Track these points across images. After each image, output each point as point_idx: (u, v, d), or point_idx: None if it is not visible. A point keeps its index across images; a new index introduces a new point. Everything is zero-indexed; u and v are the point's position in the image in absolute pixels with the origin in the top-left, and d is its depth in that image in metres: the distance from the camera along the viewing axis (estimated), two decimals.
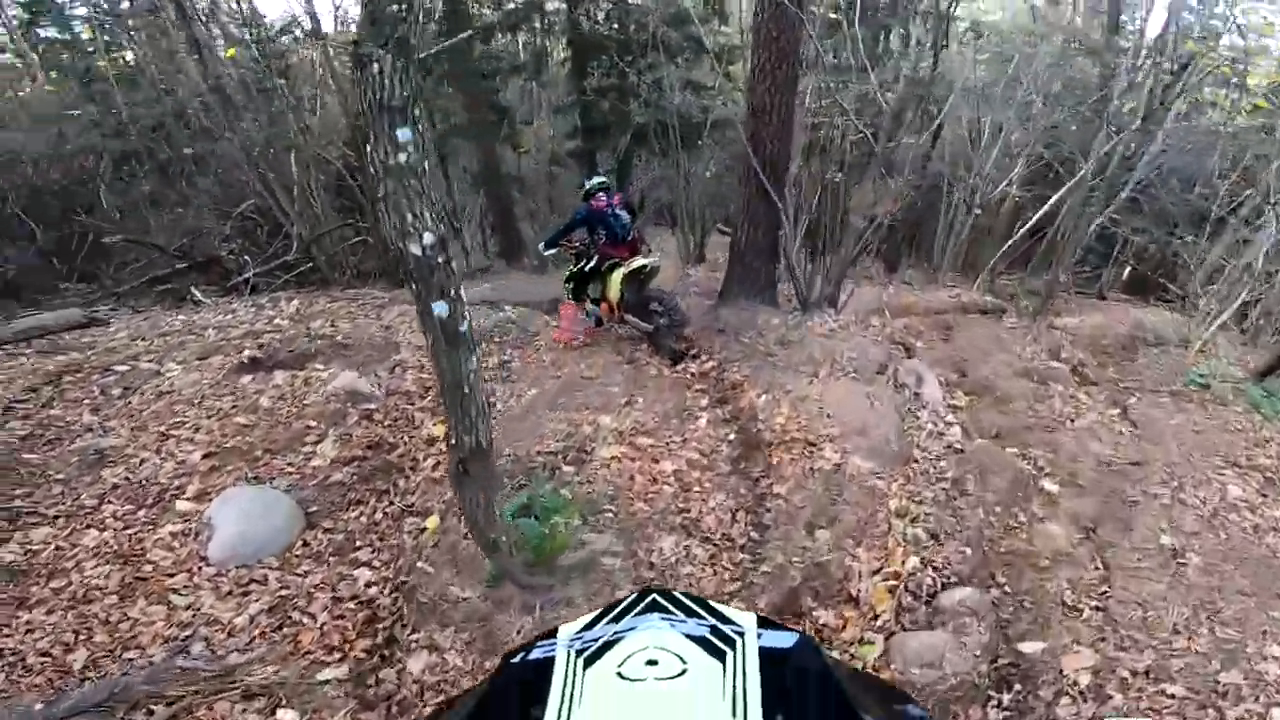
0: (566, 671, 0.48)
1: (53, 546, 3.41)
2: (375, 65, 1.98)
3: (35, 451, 4.18)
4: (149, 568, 3.34)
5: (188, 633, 2.96)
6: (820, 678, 0.49)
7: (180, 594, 3.20)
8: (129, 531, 3.56)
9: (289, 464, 4.28)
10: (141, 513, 3.71)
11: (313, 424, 4.65)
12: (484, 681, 0.54)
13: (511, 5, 10.86)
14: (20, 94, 11.50)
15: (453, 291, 2.25)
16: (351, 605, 3.11)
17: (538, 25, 11.52)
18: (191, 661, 2.66)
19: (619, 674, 0.47)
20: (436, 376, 2.41)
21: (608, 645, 0.50)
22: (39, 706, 2.37)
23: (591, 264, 5.88)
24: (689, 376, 5.38)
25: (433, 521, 3.61)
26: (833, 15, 7.62)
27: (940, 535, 3.36)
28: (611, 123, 10.85)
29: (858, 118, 6.52)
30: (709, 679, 0.46)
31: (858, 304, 6.51)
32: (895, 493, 3.67)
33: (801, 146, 6.61)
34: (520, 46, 12.16)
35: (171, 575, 3.31)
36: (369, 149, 2.10)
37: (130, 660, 2.77)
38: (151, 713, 2.38)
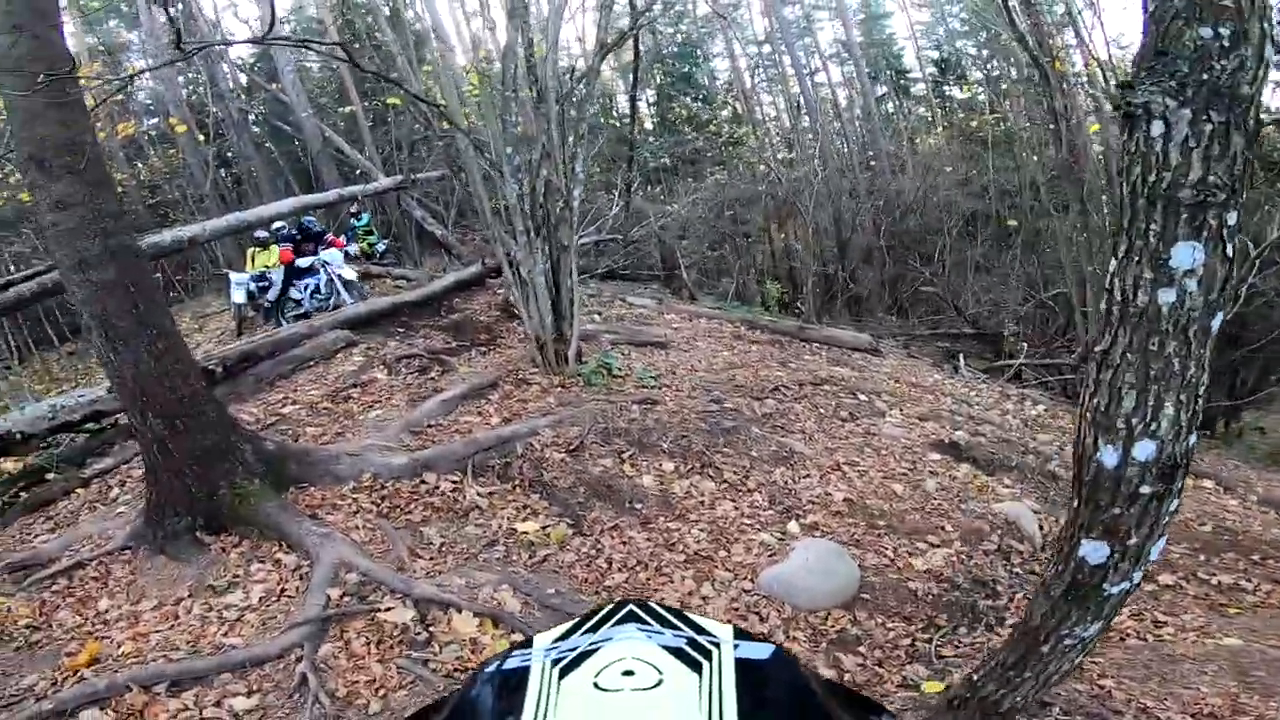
0: (542, 681, 0.48)
1: (696, 497, 4.28)
2: (1158, 123, 1.25)
3: (759, 429, 5.34)
4: (722, 553, 3.80)
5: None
6: (796, 688, 0.49)
7: (711, 584, 3.56)
8: (744, 519, 4.13)
9: (893, 548, 4.10)
10: (768, 513, 4.26)
11: (949, 530, 4.27)
12: (457, 690, 0.53)
13: None
14: (920, 143, 14.13)
15: (1136, 539, 1.44)
16: None
17: None
18: None
19: (595, 684, 0.47)
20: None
21: (584, 655, 0.50)
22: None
23: None
24: None
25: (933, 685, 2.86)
26: None
27: None
28: None
29: None
30: (685, 690, 0.46)
31: None
32: None
33: None
34: None
35: (726, 570, 3.69)
36: (1113, 265, 1.36)
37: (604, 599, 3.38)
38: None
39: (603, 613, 0.58)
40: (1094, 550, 1.41)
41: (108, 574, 3.55)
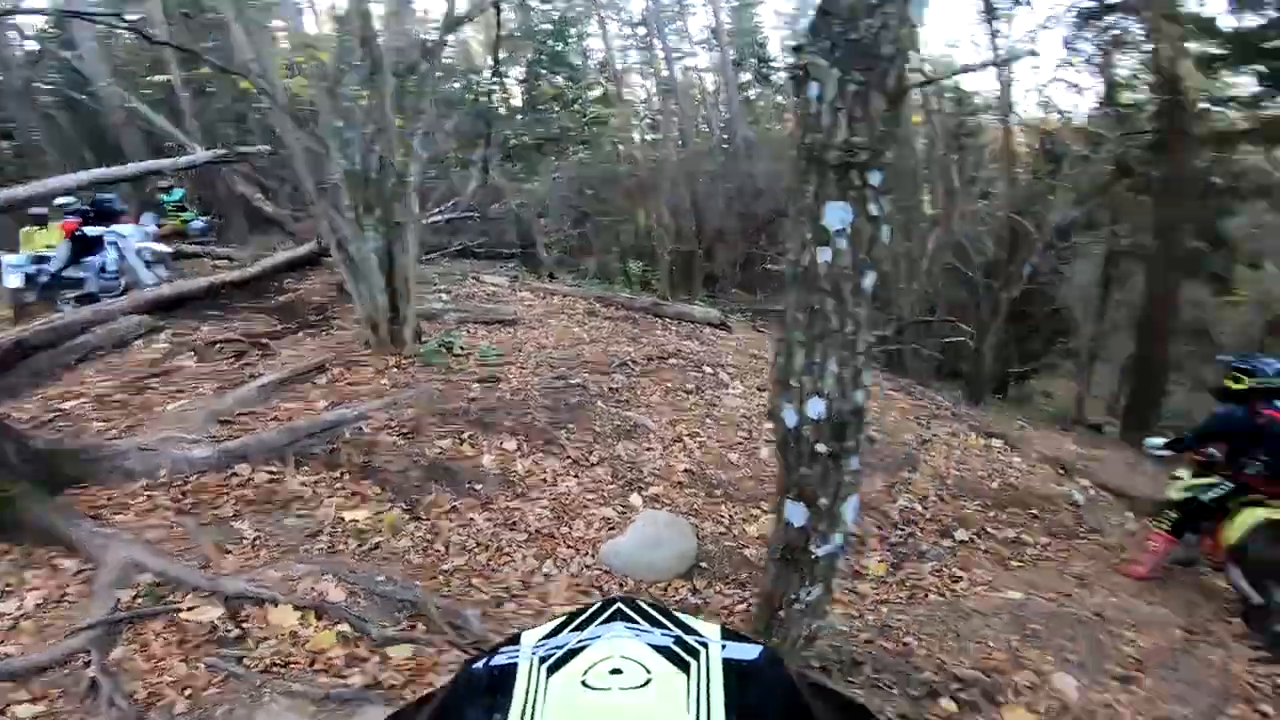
0: (529, 679, 0.47)
1: (539, 474, 4.29)
2: (814, 85, 1.30)
3: (605, 404, 5.41)
4: (564, 530, 3.87)
5: (513, 592, 3.39)
6: (783, 689, 0.50)
7: (552, 561, 3.64)
8: (587, 494, 4.21)
9: (729, 516, 4.33)
10: (610, 488, 4.34)
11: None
12: (444, 687, 0.53)
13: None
14: (775, 130, 14.76)
15: (824, 499, 1.56)
16: None
17: None
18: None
19: (583, 682, 0.46)
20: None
21: (572, 653, 0.49)
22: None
23: (1218, 494, 3.96)
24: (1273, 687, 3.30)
25: None
26: None
27: None
28: None
29: None
30: (673, 689, 0.46)
31: None
32: None
33: None
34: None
35: (567, 547, 3.77)
36: (788, 227, 1.48)
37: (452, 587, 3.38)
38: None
39: (590, 610, 0.57)
40: (794, 511, 1.55)
41: None
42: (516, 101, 17.77)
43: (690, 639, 0.52)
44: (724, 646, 0.51)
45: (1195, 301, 10.14)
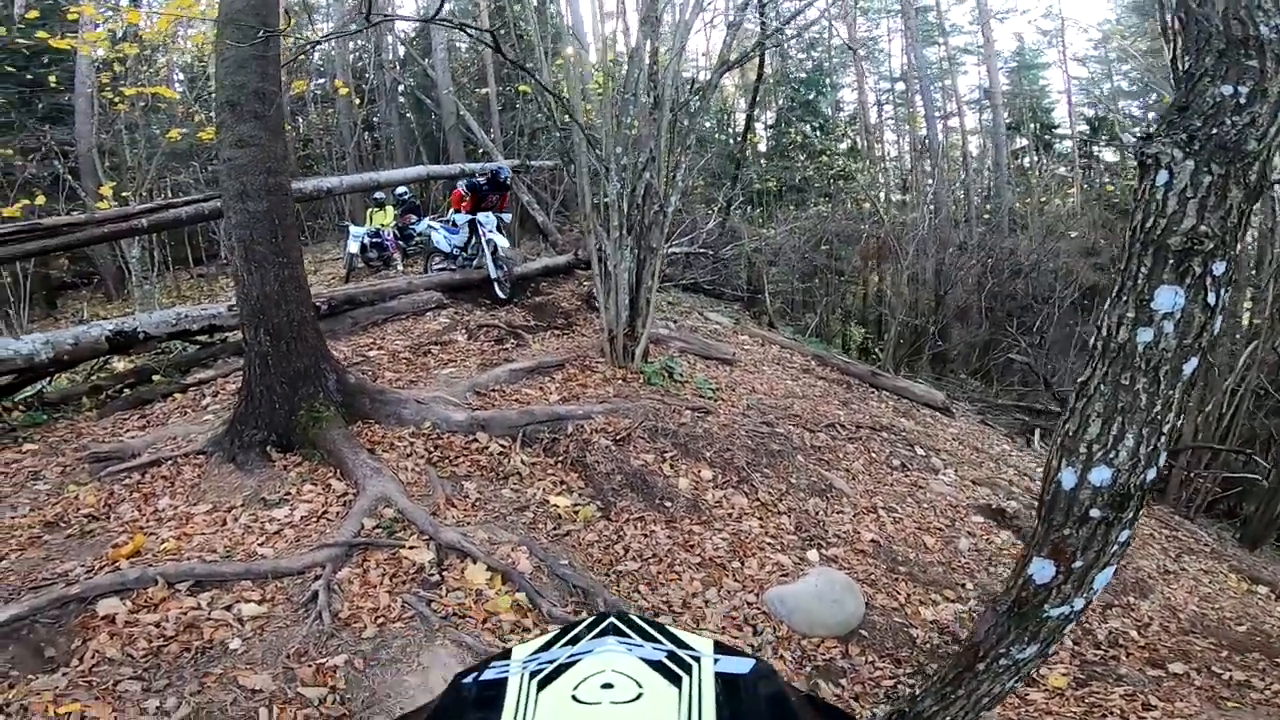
0: (520, 693, 0.48)
1: (726, 508, 4.40)
2: (1163, 173, 1.33)
3: (804, 459, 5.37)
4: (736, 564, 3.94)
5: (672, 608, 3.54)
6: (775, 703, 0.49)
7: (716, 590, 3.71)
8: (767, 538, 4.23)
9: (906, 594, 4.11)
10: (790, 538, 4.32)
11: (969, 588, 4.26)
12: (434, 701, 0.53)
13: None
14: (1051, 203, 13.27)
15: (1081, 562, 1.49)
16: None
17: None
18: None
19: (574, 697, 0.46)
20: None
21: (563, 668, 0.49)
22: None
23: None
24: None
25: None
26: None
27: None
28: None
29: None
30: (665, 703, 0.46)
31: None
32: None
33: None
34: None
35: (735, 580, 3.83)
36: (1106, 305, 1.45)
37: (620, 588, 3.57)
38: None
39: (582, 625, 0.58)
40: (1041, 569, 1.50)
41: (177, 474, 3.80)
42: (763, 146, 18.22)
43: (683, 653, 0.51)
44: (716, 660, 0.51)
45: None
